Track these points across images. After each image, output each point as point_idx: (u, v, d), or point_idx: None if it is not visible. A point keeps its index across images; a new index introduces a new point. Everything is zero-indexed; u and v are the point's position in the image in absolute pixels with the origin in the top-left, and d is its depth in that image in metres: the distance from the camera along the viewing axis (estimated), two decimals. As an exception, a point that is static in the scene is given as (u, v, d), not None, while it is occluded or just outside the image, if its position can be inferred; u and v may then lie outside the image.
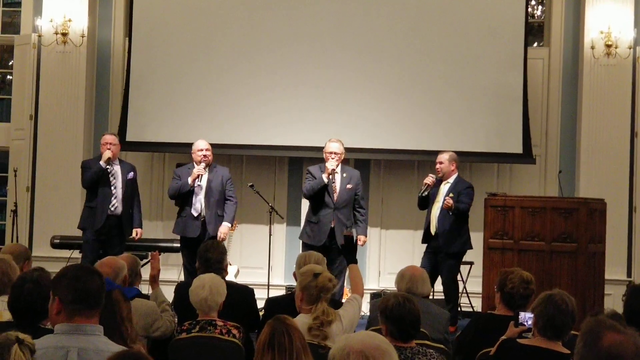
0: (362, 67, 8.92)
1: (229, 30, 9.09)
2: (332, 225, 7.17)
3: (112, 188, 7.51)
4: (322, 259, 5.16)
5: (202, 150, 7.42)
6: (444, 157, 7.46)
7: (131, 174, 7.67)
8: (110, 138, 7.60)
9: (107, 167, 7.44)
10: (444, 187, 7.42)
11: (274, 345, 2.86)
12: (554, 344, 3.46)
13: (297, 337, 2.89)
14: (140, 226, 7.76)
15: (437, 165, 7.47)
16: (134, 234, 7.68)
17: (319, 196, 7.20)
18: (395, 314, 3.59)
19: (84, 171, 7.56)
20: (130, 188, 7.65)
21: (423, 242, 7.55)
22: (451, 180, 7.44)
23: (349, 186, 7.28)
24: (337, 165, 7.22)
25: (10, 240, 8.94)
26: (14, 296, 3.38)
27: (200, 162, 7.37)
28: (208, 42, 9.11)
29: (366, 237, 7.55)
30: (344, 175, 7.31)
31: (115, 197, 7.52)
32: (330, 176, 7.14)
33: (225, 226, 7.41)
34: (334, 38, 8.95)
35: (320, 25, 8.99)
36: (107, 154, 7.42)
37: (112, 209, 7.50)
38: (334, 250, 7.08)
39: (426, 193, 7.41)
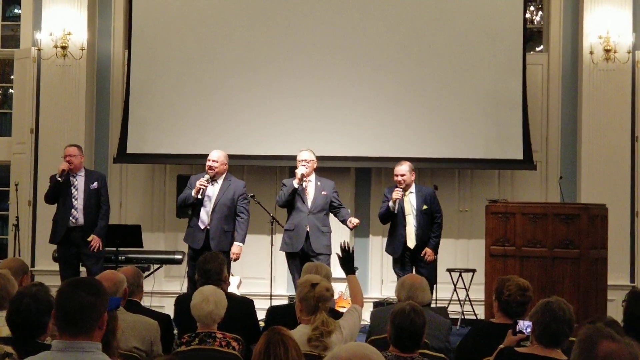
0: (361, 76, 8.92)
1: (228, 41, 9.11)
2: (308, 230, 7.21)
3: (73, 200, 7.37)
4: (325, 268, 5.19)
5: (209, 160, 7.24)
6: (404, 169, 7.36)
7: (95, 184, 7.45)
8: (69, 150, 7.44)
9: (59, 179, 7.26)
10: (410, 197, 7.38)
11: (269, 356, 2.85)
12: (551, 352, 3.44)
13: (292, 347, 2.89)
14: (100, 235, 7.42)
15: (399, 178, 7.33)
16: (90, 239, 7.35)
17: (292, 203, 7.29)
18: (397, 321, 3.59)
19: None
20: (95, 198, 7.45)
21: (399, 255, 7.41)
22: (413, 189, 7.41)
23: (323, 192, 7.34)
24: (310, 174, 7.30)
25: (12, 254, 8.94)
26: (12, 311, 3.37)
27: (207, 172, 7.23)
28: (207, 53, 9.13)
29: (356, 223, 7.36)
30: (318, 183, 7.39)
31: (75, 209, 7.37)
32: (302, 182, 7.21)
33: (237, 246, 7.24)
34: (333, 48, 8.96)
35: (318, 35, 9.01)
36: (61, 166, 7.30)
37: (73, 221, 7.36)
38: (312, 255, 7.14)
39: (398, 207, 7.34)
